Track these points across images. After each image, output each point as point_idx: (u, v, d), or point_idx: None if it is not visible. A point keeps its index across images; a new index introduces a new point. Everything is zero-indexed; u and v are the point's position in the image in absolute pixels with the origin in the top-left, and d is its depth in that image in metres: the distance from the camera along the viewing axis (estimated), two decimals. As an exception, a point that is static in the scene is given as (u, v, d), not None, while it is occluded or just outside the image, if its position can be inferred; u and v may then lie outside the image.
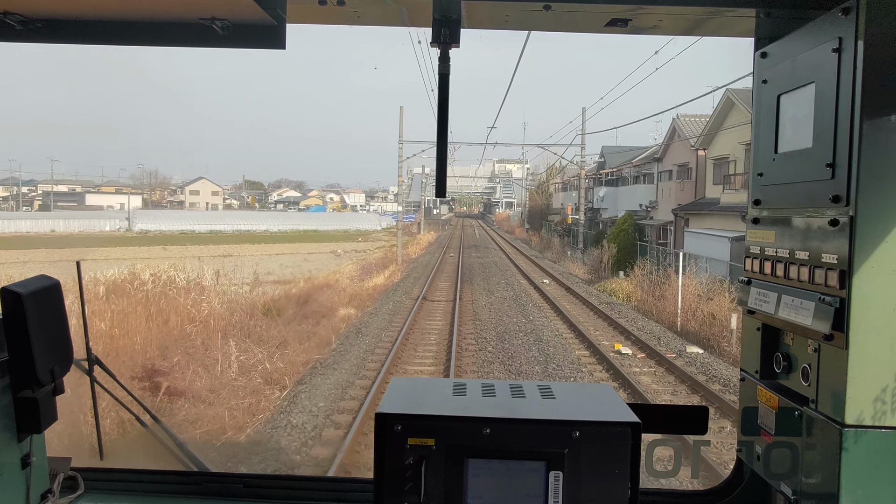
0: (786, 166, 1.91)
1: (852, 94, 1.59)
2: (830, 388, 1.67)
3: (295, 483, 2.42)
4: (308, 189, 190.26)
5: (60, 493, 2.09)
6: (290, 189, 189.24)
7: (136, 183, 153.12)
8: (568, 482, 1.58)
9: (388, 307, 22.85)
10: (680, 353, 16.17)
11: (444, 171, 2.07)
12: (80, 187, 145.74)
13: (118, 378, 2.31)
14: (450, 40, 1.96)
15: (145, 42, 2.11)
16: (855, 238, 1.59)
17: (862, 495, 1.61)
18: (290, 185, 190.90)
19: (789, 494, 1.83)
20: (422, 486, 1.59)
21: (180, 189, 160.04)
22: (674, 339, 18.16)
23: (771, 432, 1.94)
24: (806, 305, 1.73)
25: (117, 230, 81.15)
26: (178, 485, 2.31)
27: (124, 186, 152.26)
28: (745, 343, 2.11)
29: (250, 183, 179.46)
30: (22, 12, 1.99)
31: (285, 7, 1.98)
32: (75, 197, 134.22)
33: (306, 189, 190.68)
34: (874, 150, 1.57)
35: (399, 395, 1.79)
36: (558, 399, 1.80)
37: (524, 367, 14.71)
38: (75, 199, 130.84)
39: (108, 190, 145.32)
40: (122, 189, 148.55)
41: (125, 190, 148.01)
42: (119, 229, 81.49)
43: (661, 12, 1.96)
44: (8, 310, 1.80)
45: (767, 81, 2.01)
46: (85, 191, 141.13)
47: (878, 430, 1.61)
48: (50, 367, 1.90)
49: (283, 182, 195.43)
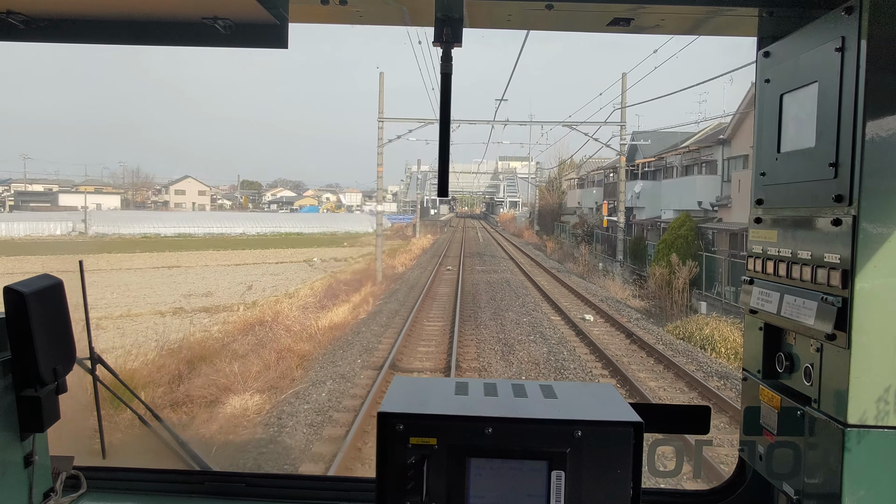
0: (789, 166, 1.93)
1: (855, 93, 1.61)
2: (833, 388, 1.70)
3: (297, 482, 2.44)
4: (304, 189, 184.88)
5: (63, 492, 2.10)
6: (285, 189, 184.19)
7: (118, 182, 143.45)
8: (570, 482, 1.58)
9: (322, 395, 11.94)
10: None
11: (446, 170, 2.05)
12: (58, 186, 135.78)
13: (120, 377, 2.35)
14: (452, 39, 1.97)
15: (147, 42, 2.13)
16: (857, 238, 1.62)
17: (864, 495, 1.63)
18: (287, 186, 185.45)
19: (792, 494, 1.85)
20: (424, 486, 1.59)
21: (165, 189, 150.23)
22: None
23: (773, 432, 1.96)
24: (808, 305, 1.76)
25: (69, 234, 70.34)
26: (180, 484, 2.33)
27: (105, 186, 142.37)
28: (747, 343, 2.13)
29: (248, 183, 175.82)
30: (25, 12, 2.01)
31: (287, 6, 1.99)
32: (49, 197, 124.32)
33: (303, 189, 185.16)
34: (877, 149, 1.60)
35: (401, 394, 1.78)
36: (560, 398, 1.79)
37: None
38: (49, 200, 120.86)
39: (86, 189, 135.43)
40: (102, 189, 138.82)
41: (105, 189, 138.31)
42: (71, 233, 70.78)
43: (663, 11, 1.96)
44: (11, 309, 1.83)
45: (770, 81, 2.04)
46: (61, 190, 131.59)
47: (881, 429, 1.63)
48: (53, 365, 1.92)
49: (281, 182, 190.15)
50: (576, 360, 14.71)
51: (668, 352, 15.55)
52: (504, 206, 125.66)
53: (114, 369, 2.33)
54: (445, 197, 2.11)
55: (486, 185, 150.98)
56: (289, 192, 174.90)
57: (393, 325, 18.72)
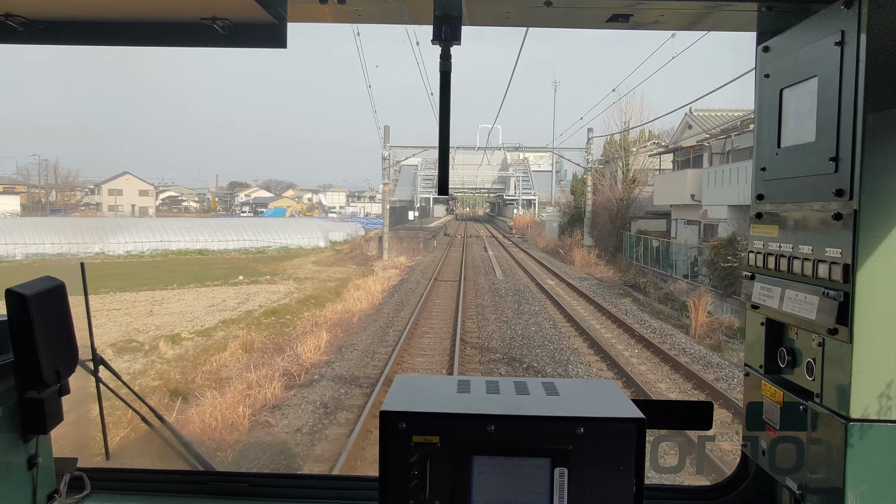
0: (789, 161, 1.92)
1: (855, 87, 1.61)
2: (835, 383, 1.70)
3: (300, 482, 2.41)
4: (285, 189, 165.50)
5: (67, 494, 2.10)
6: (259, 189, 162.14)
7: (26, 180, 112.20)
8: (573, 478, 1.57)
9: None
10: None
11: (446, 169, 2.04)
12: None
13: (123, 378, 2.31)
14: (451, 38, 1.95)
15: (146, 43, 2.12)
16: (858, 232, 1.61)
17: (868, 489, 1.62)
18: (280, 187, 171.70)
19: (795, 489, 1.84)
20: (427, 484, 1.58)
21: (96, 188, 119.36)
22: None
23: (776, 427, 1.95)
24: (810, 300, 1.75)
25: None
26: (183, 484, 2.32)
27: (17, 185, 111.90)
28: (749, 338, 2.12)
29: (236, 184, 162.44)
30: (24, 14, 2.01)
31: (286, 6, 1.97)
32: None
33: (283, 189, 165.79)
34: (877, 143, 1.59)
35: (403, 392, 1.76)
36: (562, 396, 1.78)
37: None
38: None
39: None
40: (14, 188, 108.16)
41: (18, 188, 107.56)
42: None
43: (662, 7, 1.95)
44: (13, 311, 1.83)
45: (770, 76, 2.02)
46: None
47: (884, 423, 1.62)
48: (55, 367, 1.92)
49: (273, 184, 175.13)
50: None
51: None
52: (518, 207, 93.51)
53: (116, 371, 2.29)
54: (446, 195, 2.12)
55: (491, 181, 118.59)
56: (265, 193, 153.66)
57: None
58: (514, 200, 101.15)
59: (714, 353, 16.99)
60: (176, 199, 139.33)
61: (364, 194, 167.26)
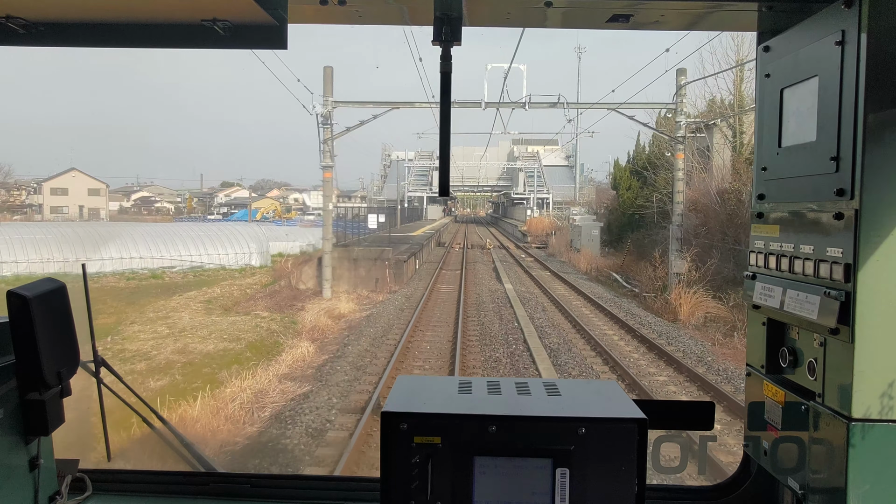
0: (790, 160, 1.92)
1: (856, 87, 1.60)
2: (837, 382, 1.69)
3: (302, 483, 2.39)
4: (269, 189, 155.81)
5: (68, 495, 2.10)
6: (241, 188, 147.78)
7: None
8: (575, 479, 1.57)
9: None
10: None
11: (447, 170, 2.03)
12: None
13: (124, 379, 2.31)
14: (451, 38, 1.95)
15: (147, 44, 2.11)
16: (860, 231, 1.60)
17: (870, 489, 1.61)
18: (276, 187, 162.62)
19: (797, 489, 1.83)
20: (429, 485, 1.58)
21: (37, 187, 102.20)
22: None
23: (778, 427, 1.95)
24: (811, 299, 1.74)
25: None
26: (185, 485, 2.31)
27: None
28: (750, 338, 2.11)
29: (228, 184, 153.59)
30: (24, 16, 2.00)
31: (286, 7, 1.98)
32: None
33: (267, 189, 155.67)
34: (878, 143, 1.59)
35: (405, 393, 1.76)
36: (564, 396, 1.78)
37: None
38: None
39: None
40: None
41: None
42: None
43: (662, 7, 1.95)
44: (14, 313, 1.83)
45: (770, 75, 2.01)
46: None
47: (886, 423, 1.62)
48: (57, 369, 1.92)
49: (270, 184, 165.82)
50: None
51: None
52: (531, 207, 75.00)
53: (118, 372, 2.29)
54: (446, 196, 2.07)
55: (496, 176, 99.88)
56: (244, 193, 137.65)
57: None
58: (523, 199, 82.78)
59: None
60: (148, 201, 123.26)
61: (355, 194, 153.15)
